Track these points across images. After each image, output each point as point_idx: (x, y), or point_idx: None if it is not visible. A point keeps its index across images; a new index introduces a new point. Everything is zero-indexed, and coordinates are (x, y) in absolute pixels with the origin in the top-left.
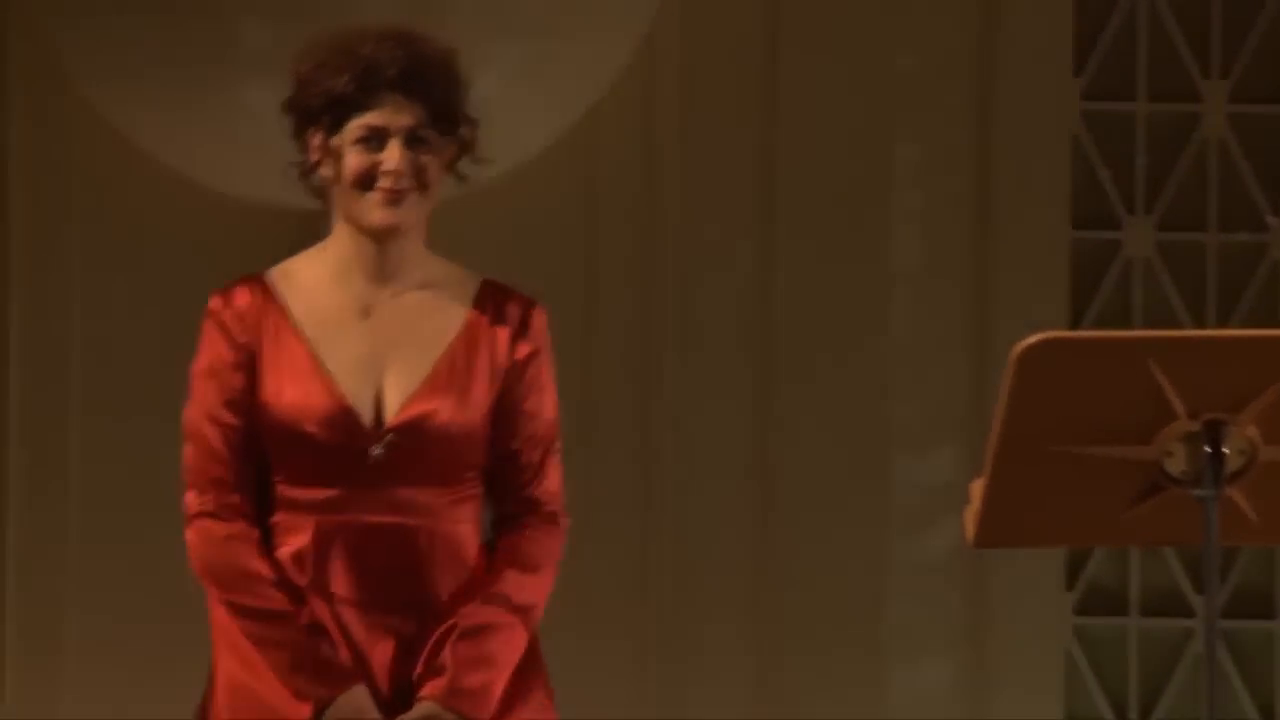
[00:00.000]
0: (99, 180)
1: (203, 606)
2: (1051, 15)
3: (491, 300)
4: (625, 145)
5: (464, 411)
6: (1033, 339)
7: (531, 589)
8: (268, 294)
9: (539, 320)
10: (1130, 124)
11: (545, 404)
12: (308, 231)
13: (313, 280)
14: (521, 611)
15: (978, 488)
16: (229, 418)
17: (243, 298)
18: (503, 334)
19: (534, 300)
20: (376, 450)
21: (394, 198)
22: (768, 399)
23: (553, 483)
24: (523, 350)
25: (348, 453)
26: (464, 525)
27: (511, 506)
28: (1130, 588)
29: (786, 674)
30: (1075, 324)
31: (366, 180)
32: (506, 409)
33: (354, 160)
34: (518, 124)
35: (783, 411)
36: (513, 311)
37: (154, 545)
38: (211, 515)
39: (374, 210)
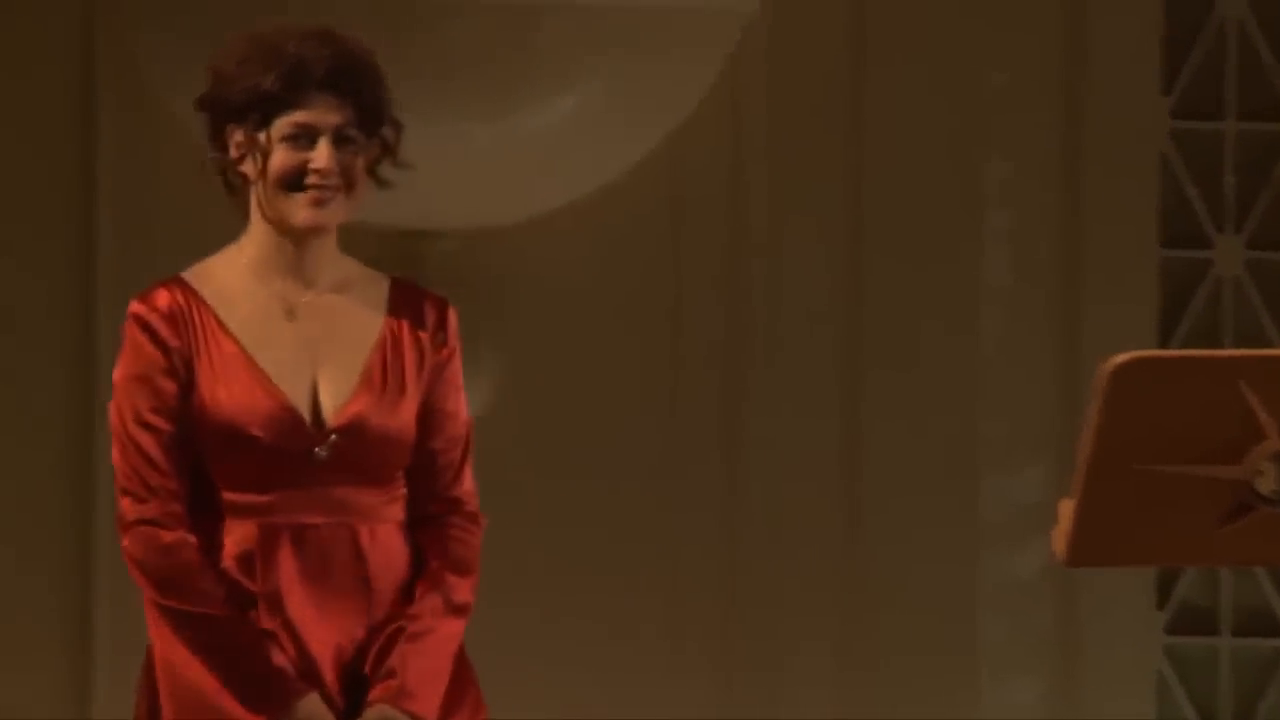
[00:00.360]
0: (185, 195)
1: None
2: (1140, 33)
3: (406, 300)
4: (712, 163)
5: (398, 413)
6: (1122, 357)
7: (466, 589)
8: (192, 295)
9: (454, 320)
10: (1219, 142)
11: (462, 404)
12: (396, 249)
13: (233, 281)
14: (461, 612)
15: (1066, 507)
16: (162, 423)
17: (168, 300)
18: (423, 335)
19: (446, 299)
20: (321, 451)
21: (321, 198)
22: (855, 416)
23: (471, 482)
24: (443, 351)
25: (290, 454)
26: (396, 524)
27: (433, 507)
28: (1221, 607)
29: (875, 691)
30: (1164, 343)
31: (294, 179)
32: (429, 409)
33: (282, 159)
34: (605, 142)
35: (870, 428)
36: (430, 312)
37: None
38: (153, 523)
39: (301, 210)
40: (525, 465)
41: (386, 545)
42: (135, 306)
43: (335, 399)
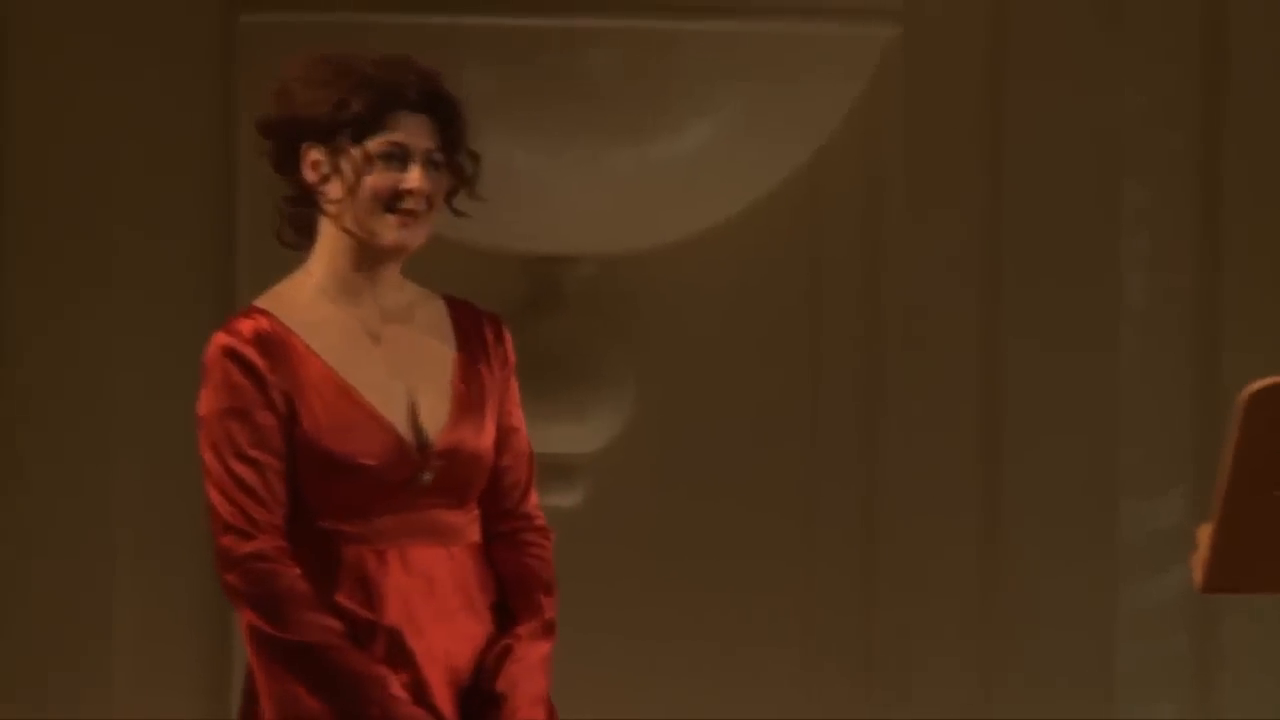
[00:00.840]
0: None
1: None
2: (1279, 57)
3: (467, 320)
4: (850, 187)
5: (483, 434)
6: (1261, 383)
7: (554, 607)
8: (277, 324)
9: (508, 336)
10: None
11: (522, 419)
12: (535, 277)
13: (310, 306)
14: (554, 631)
15: (1205, 532)
16: (263, 456)
17: (255, 329)
18: (489, 354)
19: (499, 315)
20: (426, 476)
21: (412, 219)
22: (993, 440)
23: (536, 496)
24: (506, 368)
25: (395, 481)
26: (476, 544)
27: (505, 524)
28: None
29: (1012, 715)
30: None
31: (387, 199)
32: (497, 427)
33: (378, 178)
34: (743, 167)
35: (1008, 452)
36: (489, 330)
37: None
38: (263, 558)
39: (392, 230)
40: (662, 488)
41: (477, 563)
42: (222, 339)
43: (435, 423)
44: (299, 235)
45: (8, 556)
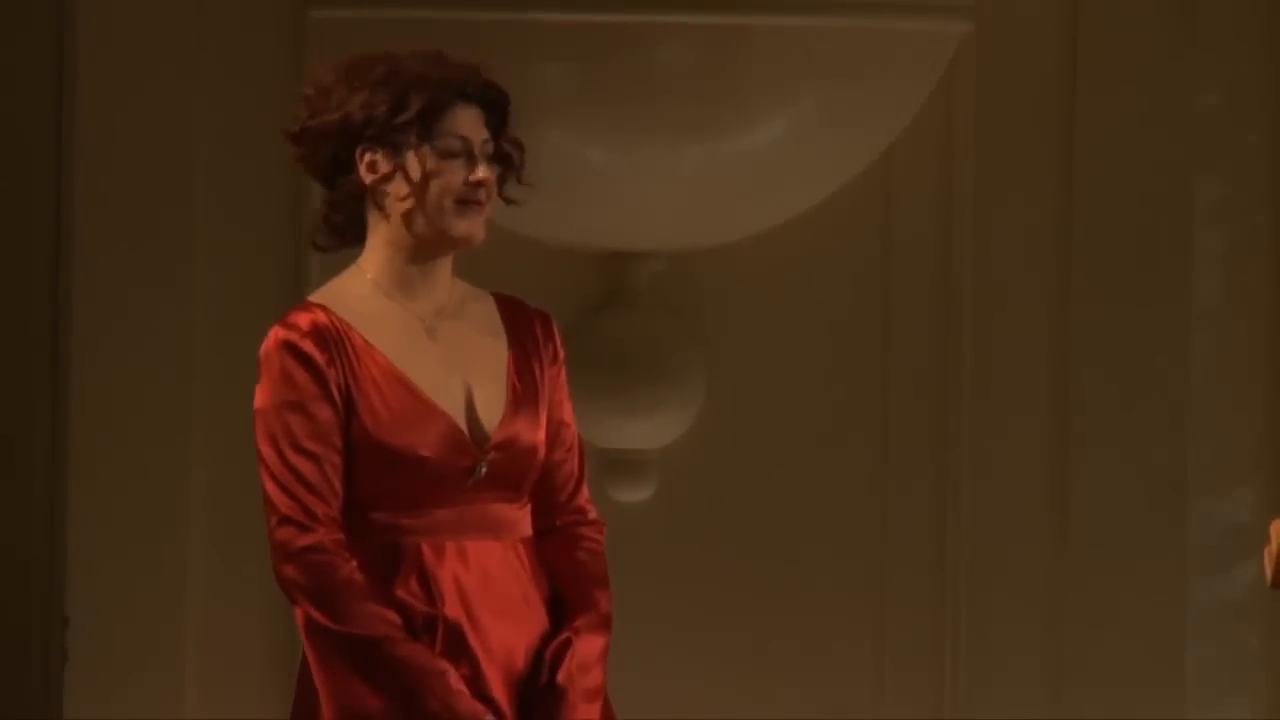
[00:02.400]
0: None
1: None
2: None
3: (517, 316)
4: (921, 186)
5: (536, 428)
6: None
7: (609, 601)
8: (334, 318)
9: (557, 331)
10: None
11: (571, 413)
12: (605, 273)
13: (366, 301)
14: (609, 625)
15: (1277, 528)
16: (321, 449)
17: (313, 322)
18: (539, 349)
19: (546, 311)
20: (482, 468)
21: (478, 210)
22: (1063, 437)
23: (588, 490)
24: (555, 364)
25: (452, 473)
26: (528, 538)
27: (559, 518)
28: None
29: (1084, 711)
30: None
31: (456, 193)
32: (548, 421)
33: (449, 175)
34: (815, 163)
35: (1078, 450)
36: (538, 326)
37: None
38: (321, 550)
39: (461, 222)
40: (732, 483)
41: (528, 559)
42: (279, 333)
43: (490, 416)
44: (334, 238)
45: (81, 558)
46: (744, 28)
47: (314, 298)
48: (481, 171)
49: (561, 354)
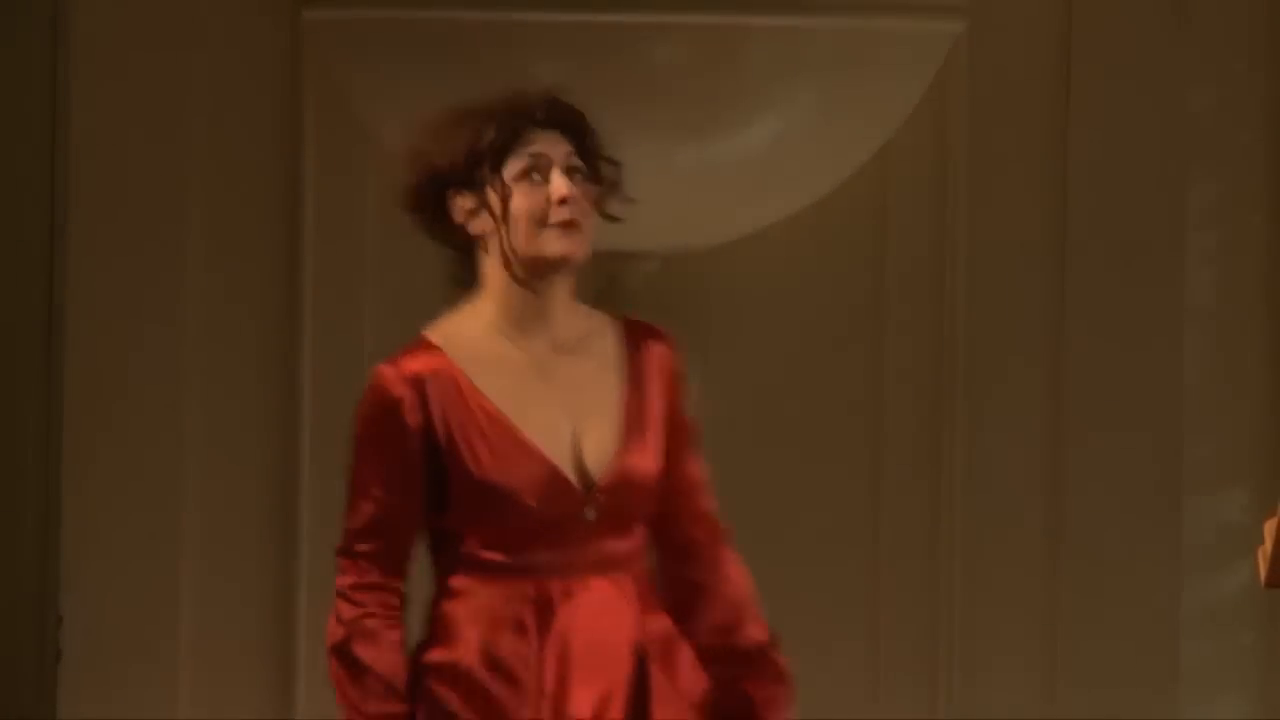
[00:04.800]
0: (394, 224)
1: None
2: None
3: (636, 339)
4: (915, 186)
5: (652, 459)
6: None
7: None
8: (442, 360)
9: (675, 346)
10: None
11: (692, 424)
12: (597, 272)
13: (479, 341)
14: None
15: (1271, 527)
16: (382, 494)
17: (416, 369)
18: (658, 371)
19: (663, 328)
20: (589, 513)
21: (570, 227)
22: (1058, 437)
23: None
24: (676, 381)
25: (557, 519)
26: (639, 573)
27: (691, 531)
28: None
29: (1078, 710)
30: None
31: (540, 213)
32: (676, 434)
33: (526, 196)
34: (810, 162)
35: (1073, 449)
36: (657, 346)
37: None
38: (346, 595)
39: (554, 242)
40: (725, 484)
41: (637, 592)
42: (383, 372)
43: (599, 458)
44: (464, 288)
45: (75, 556)
46: (737, 27)
47: (431, 335)
48: (560, 188)
49: (679, 369)
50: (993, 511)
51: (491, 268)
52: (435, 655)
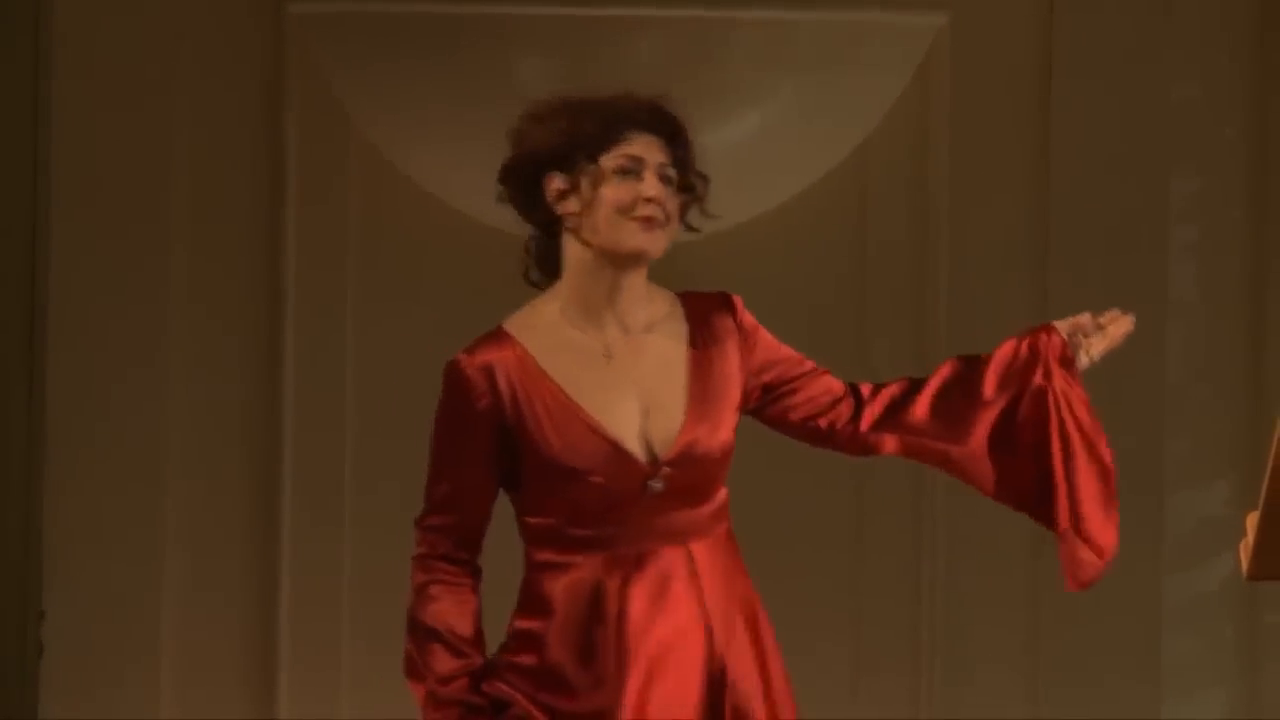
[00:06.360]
0: (376, 216)
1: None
2: None
3: (698, 313)
4: (897, 178)
5: (719, 431)
6: None
7: None
8: (515, 348)
9: (740, 304)
10: None
11: (788, 349)
12: None
13: (551, 328)
14: None
15: (1253, 520)
16: (455, 473)
17: (492, 354)
18: (726, 338)
19: (726, 293)
20: (656, 484)
21: (651, 225)
22: None
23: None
24: (750, 338)
25: (625, 492)
26: (723, 535)
27: (846, 392)
28: None
29: (1060, 706)
30: None
31: (627, 206)
32: (771, 369)
33: (616, 189)
34: (791, 156)
35: None
36: (720, 313)
37: None
38: (423, 561)
39: (635, 236)
40: None
41: (719, 553)
42: (459, 360)
43: (665, 432)
44: (541, 272)
45: (57, 552)
46: (720, 22)
47: (506, 325)
48: (650, 188)
49: (751, 322)
50: (975, 508)
51: (572, 250)
52: (520, 623)
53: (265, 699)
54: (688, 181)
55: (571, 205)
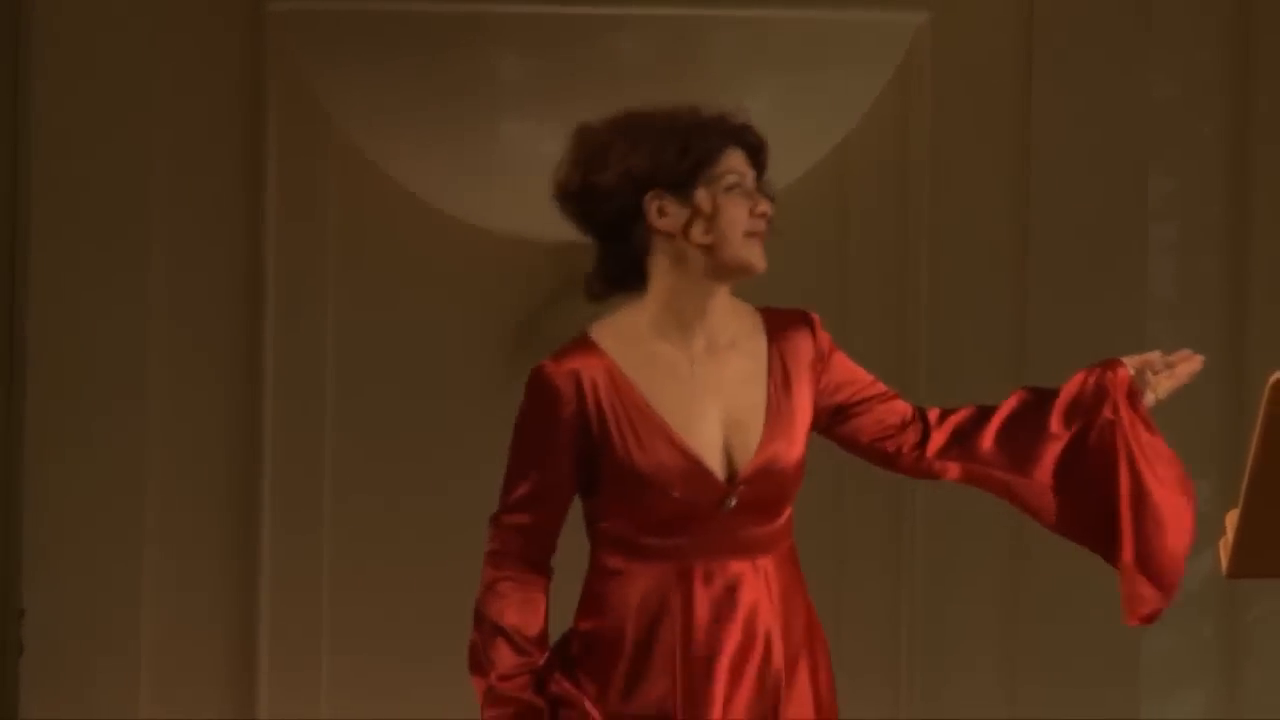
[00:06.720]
0: (357, 216)
1: (451, 621)
2: None
3: (779, 329)
4: (878, 175)
5: (794, 448)
6: None
7: None
8: (600, 357)
9: (819, 323)
10: None
11: (861, 371)
12: (560, 263)
13: (638, 339)
14: None
15: (1233, 518)
16: (536, 475)
17: (579, 361)
18: (804, 357)
19: (804, 311)
20: (731, 502)
21: (760, 240)
22: None
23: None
24: (828, 359)
25: (702, 506)
26: (786, 552)
27: (915, 417)
28: None
29: (1039, 706)
30: None
31: (745, 225)
32: (845, 390)
33: (734, 209)
34: (772, 155)
35: None
36: (800, 331)
37: (403, 567)
38: (494, 558)
39: (756, 255)
40: None
41: (787, 569)
42: (545, 365)
43: (743, 450)
44: (609, 287)
45: (37, 550)
46: (700, 20)
47: (592, 333)
48: (765, 204)
49: (828, 342)
50: (955, 508)
51: (661, 267)
52: (582, 624)
53: (245, 699)
54: (769, 195)
55: (671, 221)
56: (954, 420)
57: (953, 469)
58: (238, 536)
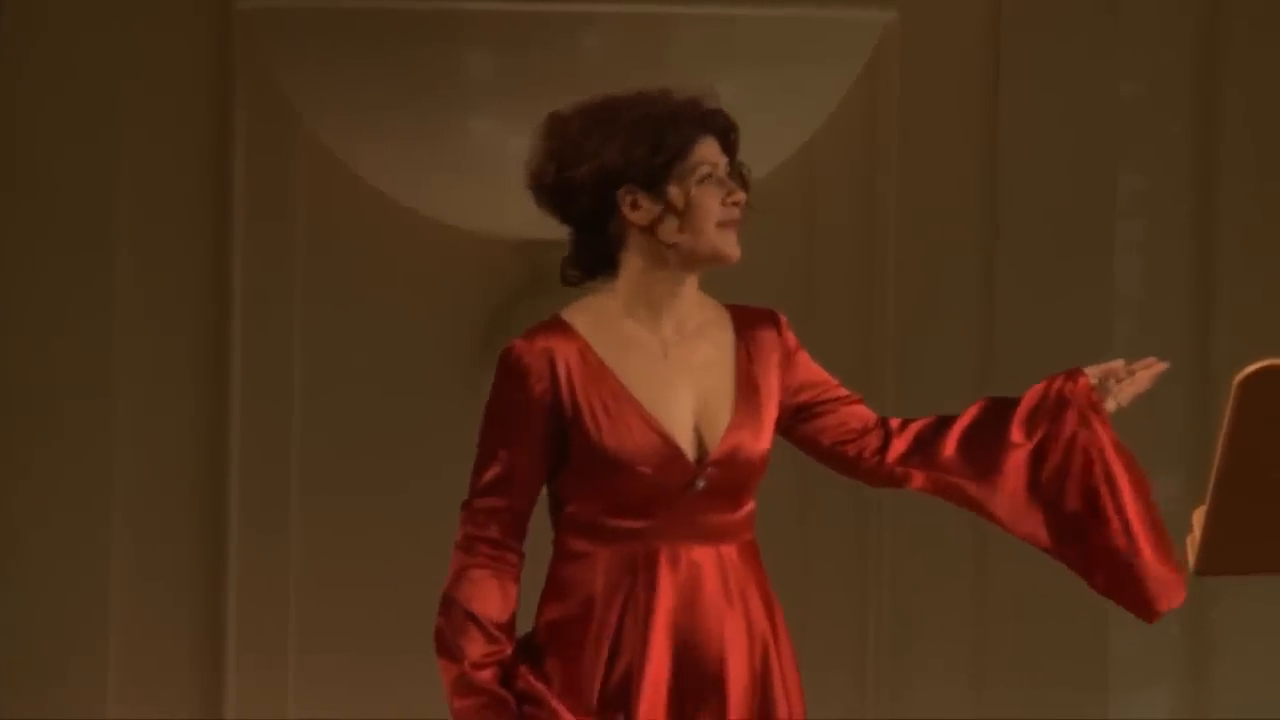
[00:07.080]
0: (324, 213)
1: (420, 619)
2: (1274, 44)
3: (746, 326)
4: (845, 174)
5: (760, 439)
6: (1254, 367)
7: None
8: (575, 337)
9: (785, 323)
10: None
11: (824, 372)
12: (529, 260)
13: (609, 323)
14: None
15: (1200, 516)
16: (508, 455)
17: (551, 340)
18: (770, 353)
19: (772, 311)
20: (700, 483)
21: (734, 228)
22: None
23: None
24: (792, 357)
25: (670, 487)
26: (746, 542)
27: (877, 424)
28: None
29: (1006, 706)
30: None
31: (719, 215)
32: (808, 390)
33: (708, 200)
34: (740, 151)
35: None
36: (767, 330)
37: (371, 566)
38: (466, 542)
39: (730, 244)
40: None
41: (742, 563)
42: (515, 345)
43: (712, 433)
44: (583, 274)
45: (4, 553)
46: (666, 17)
47: (565, 315)
48: (738, 194)
49: (794, 341)
50: (920, 509)
51: (634, 256)
52: (547, 610)
53: (213, 699)
54: (743, 179)
55: (644, 215)
56: (915, 427)
57: (916, 477)
58: (206, 536)
